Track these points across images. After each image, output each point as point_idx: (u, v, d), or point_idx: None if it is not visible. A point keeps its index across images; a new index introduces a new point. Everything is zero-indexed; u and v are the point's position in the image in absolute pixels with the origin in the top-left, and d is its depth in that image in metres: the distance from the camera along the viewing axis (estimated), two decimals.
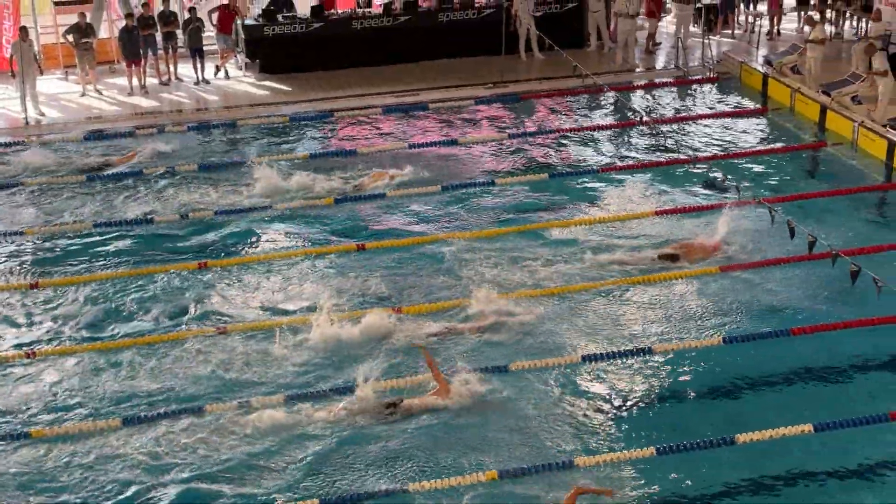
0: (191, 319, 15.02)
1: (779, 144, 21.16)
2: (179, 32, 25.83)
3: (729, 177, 17.94)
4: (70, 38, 24.62)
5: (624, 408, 12.96)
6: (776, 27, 27.84)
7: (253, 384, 13.41)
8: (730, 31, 28.22)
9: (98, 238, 17.63)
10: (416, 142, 21.70)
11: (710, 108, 23.70)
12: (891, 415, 12.43)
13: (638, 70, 25.93)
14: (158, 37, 25.13)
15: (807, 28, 23.87)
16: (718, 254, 16.31)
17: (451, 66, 26.20)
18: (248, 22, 26.34)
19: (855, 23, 27.41)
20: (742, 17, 28.73)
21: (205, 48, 25.56)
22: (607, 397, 13.15)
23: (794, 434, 12.19)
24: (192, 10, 26.19)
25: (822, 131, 21.78)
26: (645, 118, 20.55)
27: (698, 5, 27.74)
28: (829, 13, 27.68)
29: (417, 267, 16.38)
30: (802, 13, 27.52)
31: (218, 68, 25.97)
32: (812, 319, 14.56)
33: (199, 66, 25.45)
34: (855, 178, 19.51)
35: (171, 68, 25.67)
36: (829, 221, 17.39)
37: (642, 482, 11.58)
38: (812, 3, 27.82)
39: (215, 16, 26.07)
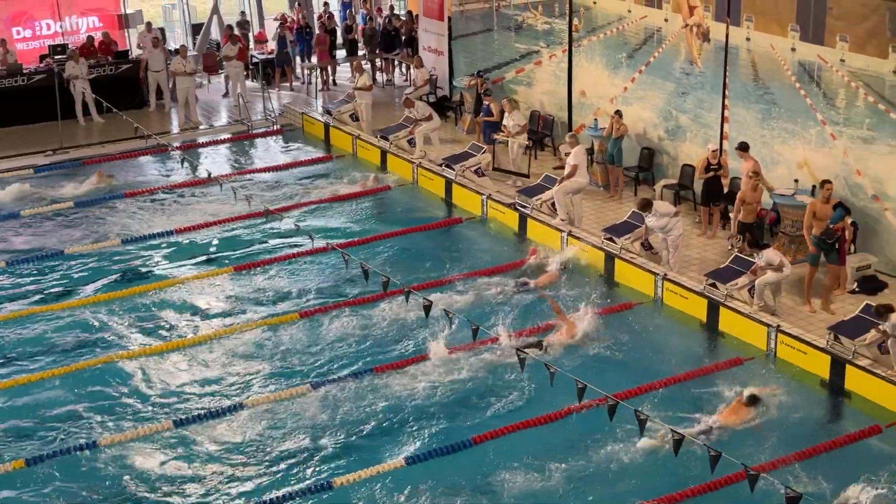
0: None
1: (346, 190, 21.86)
2: None
3: (300, 225, 18.34)
4: None
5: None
6: (331, 77, 28.86)
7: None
8: (288, 84, 28.90)
9: None
10: None
11: (277, 160, 24.09)
12: (473, 439, 13.20)
13: (202, 127, 25.91)
14: None
15: (356, 75, 24.96)
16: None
17: (4, 135, 24.91)
18: None
19: (404, 70, 28.93)
20: (298, 70, 29.51)
21: None
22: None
23: (388, 469, 12.64)
24: None
25: (385, 173, 22.76)
26: (213, 175, 20.55)
27: (254, 60, 28.23)
28: (378, 62, 29.06)
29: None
30: (353, 62, 28.71)
31: None
32: (392, 357, 15.19)
33: None
34: (420, 215, 20.55)
35: None
36: (401, 260, 18.23)
37: None
38: (361, 52, 29.11)
39: None
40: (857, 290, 16.33)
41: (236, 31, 27.84)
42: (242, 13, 30.07)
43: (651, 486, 12.36)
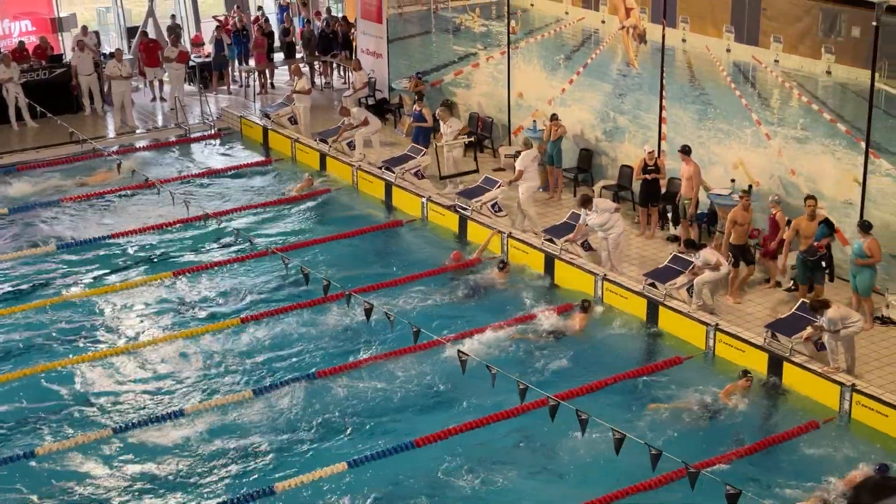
0: None
1: (286, 194, 21.74)
2: None
3: (240, 230, 18.21)
4: None
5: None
6: (268, 81, 28.68)
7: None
8: (226, 88, 28.67)
9: None
10: None
11: (216, 164, 23.88)
12: (415, 442, 13.18)
13: (139, 131, 25.62)
14: None
15: (294, 79, 24.82)
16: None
17: None
18: None
19: (342, 72, 28.85)
20: (236, 73, 29.29)
21: None
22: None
23: (331, 473, 12.58)
24: None
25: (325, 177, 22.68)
26: (151, 179, 20.32)
27: (191, 64, 27.96)
28: (317, 64, 28.94)
29: None
30: (291, 66, 28.56)
31: None
32: (334, 361, 15.13)
33: None
34: (359, 218, 20.48)
35: None
36: (341, 264, 18.17)
37: None
38: (299, 55, 28.97)
39: None
40: (792, 287, 16.53)
41: (165, 35, 27.68)
42: (173, 16, 29.75)
43: (595, 485, 12.43)
